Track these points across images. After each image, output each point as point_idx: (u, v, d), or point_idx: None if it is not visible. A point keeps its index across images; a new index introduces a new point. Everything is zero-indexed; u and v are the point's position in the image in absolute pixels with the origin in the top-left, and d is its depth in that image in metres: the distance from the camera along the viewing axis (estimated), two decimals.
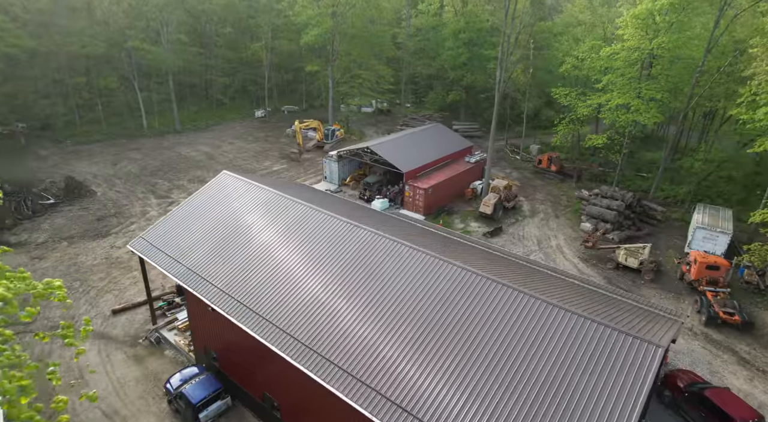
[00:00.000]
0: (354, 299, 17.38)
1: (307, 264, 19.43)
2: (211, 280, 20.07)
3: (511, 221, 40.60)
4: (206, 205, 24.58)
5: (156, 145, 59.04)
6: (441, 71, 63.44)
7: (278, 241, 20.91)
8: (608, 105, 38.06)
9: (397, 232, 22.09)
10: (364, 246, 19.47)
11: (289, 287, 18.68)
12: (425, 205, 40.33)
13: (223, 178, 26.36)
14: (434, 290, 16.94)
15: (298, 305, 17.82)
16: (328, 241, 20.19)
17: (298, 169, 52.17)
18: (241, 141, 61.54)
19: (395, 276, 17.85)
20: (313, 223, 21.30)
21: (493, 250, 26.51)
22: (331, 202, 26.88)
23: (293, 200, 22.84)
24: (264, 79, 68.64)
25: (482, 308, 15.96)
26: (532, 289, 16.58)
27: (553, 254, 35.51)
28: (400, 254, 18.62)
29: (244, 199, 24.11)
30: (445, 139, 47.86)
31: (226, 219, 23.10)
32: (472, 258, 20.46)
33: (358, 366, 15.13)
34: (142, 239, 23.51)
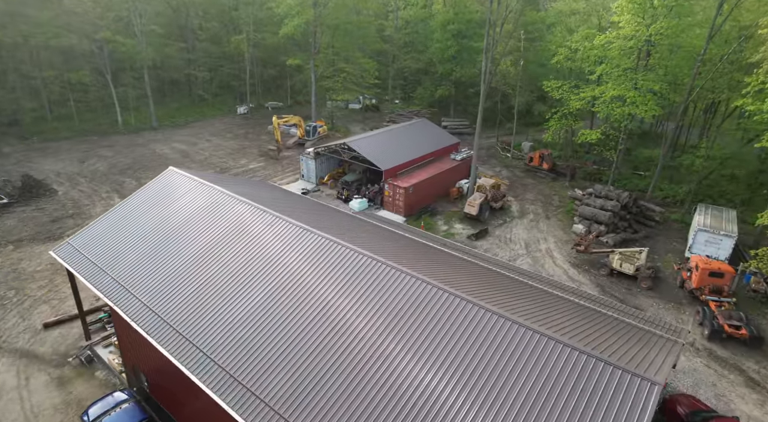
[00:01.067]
0: (294, 319, 14.52)
1: (245, 274, 16.57)
2: (135, 292, 17.21)
3: (499, 222, 37.78)
4: (145, 205, 21.70)
5: (129, 142, 56.16)
6: (429, 65, 60.66)
7: (216, 247, 18.05)
8: (602, 97, 35.27)
9: (357, 237, 19.27)
10: (314, 253, 16.61)
11: (219, 302, 15.82)
12: (406, 205, 37.51)
13: (169, 175, 23.50)
14: (388, 305, 14.09)
15: (228, 324, 14.97)
16: (273, 248, 17.34)
17: (275, 167, 49.31)
18: (219, 138, 58.68)
19: (347, 288, 14.99)
20: (259, 227, 18.44)
21: (473, 257, 23.72)
22: (292, 202, 24.03)
23: (241, 200, 19.98)
24: (246, 73, 65.67)
25: (442, 329, 13.12)
26: (507, 308, 13.75)
27: (542, 259, 32.69)
28: (355, 262, 15.75)
29: (187, 198, 21.24)
30: (430, 135, 45.05)
31: (164, 221, 20.25)
32: (440, 267, 17.62)
33: (294, 404, 12.28)
34: (69, 244, 20.64)
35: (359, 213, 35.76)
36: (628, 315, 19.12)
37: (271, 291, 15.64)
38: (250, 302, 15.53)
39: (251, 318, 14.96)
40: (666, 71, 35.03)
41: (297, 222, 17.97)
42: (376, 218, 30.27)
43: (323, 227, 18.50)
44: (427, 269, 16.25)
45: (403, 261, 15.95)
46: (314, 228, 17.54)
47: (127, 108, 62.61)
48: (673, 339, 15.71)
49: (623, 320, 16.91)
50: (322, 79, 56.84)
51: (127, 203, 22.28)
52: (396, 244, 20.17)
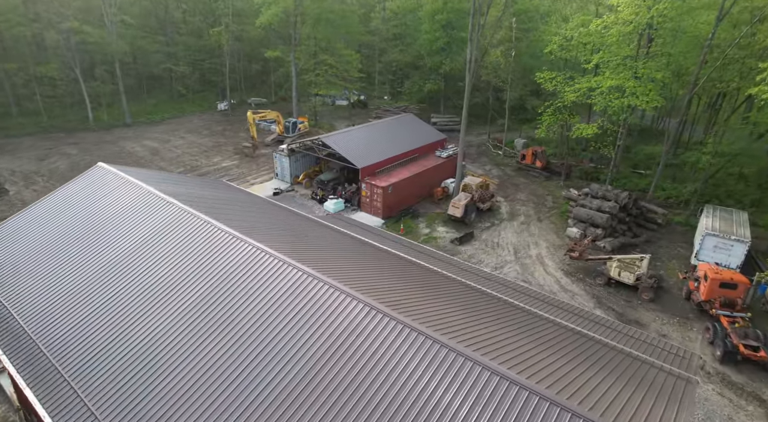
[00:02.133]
0: (206, 354, 11.28)
1: (153, 293, 13.34)
2: (18, 313, 13.96)
3: (486, 225, 34.55)
4: (62, 206, 18.46)
5: (98, 139, 52.91)
6: (418, 59, 57.40)
7: (129, 257, 14.81)
8: (599, 88, 32.05)
9: (307, 246, 16.02)
10: (242, 266, 13.33)
11: (115, 332, 12.59)
12: (384, 206, 34.28)
13: (97, 171, 20.24)
14: (327, 331, 10.84)
15: (124, 361, 11.74)
16: (195, 259, 14.09)
17: (250, 166, 46.04)
18: (195, 135, 55.41)
19: (273, 309, 11.74)
20: (183, 232, 15.19)
21: (449, 264, 20.51)
22: (241, 205, 20.75)
23: (169, 202, 16.71)
24: (226, 68, 62.37)
25: (383, 363, 9.89)
26: (458, 337, 10.53)
27: (532, 266, 29.44)
28: (290, 279, 12.48)
29: (110, 198, 17.99)
30: (415, 131, 41.80)
31: (77, 226, 17.01)
32: (384, 278, 14.37)
33: None
34: None
35: (333, 215, 32.59)
36: (626, 337, 15.93)
37: (180, 313, 12.42)
38: (154, 330, 12.30)
39: (151, 354, 11.72)
40: (669, 60, 31.83)
41: (228, 227, 14.71)
42: (347, 221, 27.05)
43: (257, 233, 15.26)
44: (364, 282, 12.98)
45: (337, 275, 12.68)
46: (243, 235, 14.28)
47: (100, 103, 59.35)
48: (684, 376, 12.46)
49: (621, 350, 13.64)
50: (303, 72, 53.58)
51: (40, 204, 19.05)
52: (345, 254, 16.88)
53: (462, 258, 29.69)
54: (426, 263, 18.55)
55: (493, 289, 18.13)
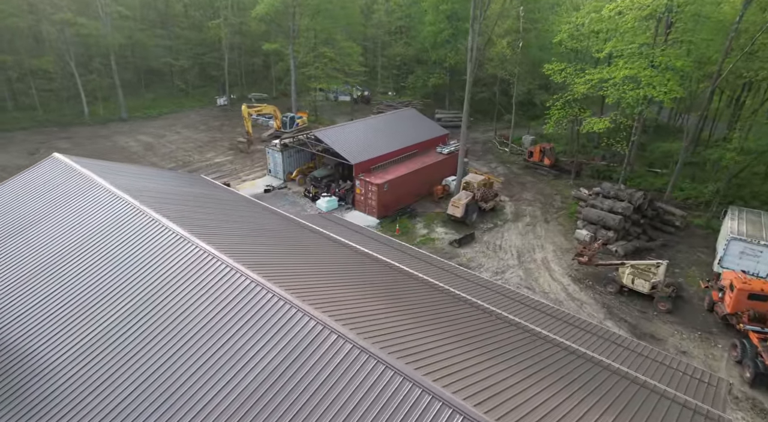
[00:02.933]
0: (137, 367, 9.23)
1: (85, 297, 11.34)
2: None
3: (488, 226, 32.17)
4: (4, 199, 16.57)
5: (92, 133, 51.53)
6: (422, 52, 55.05)
7: (62, 259, 12.83)
8: (612, 78, 29.47)
9: (272, 250, 13.90)
10: (186, 270, 11.22)
11: (38, 337, 10.59)
12: (380, 204, 32.09)
13: (49, 162, 18.36)
14: (272, 345, 8.70)
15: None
16: (135, 260, 12.04)
17: (244, 162, 44.20)
18: (191, 130, 53.80)
19: (214, 318, 9.62)
20: (128, 230, 13.16)
21: (439, 269, 18.31)
22: (213, 200, 18.70)
23: (117, 196, 14.70)
24: (225, 62, 60.69)
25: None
26: (441, 372, 8.31)
27: (537, 271, 27.02)
28: (236, 286, 10.33)
29: (57, 192, 16.04)
30: (415, 125, 39.53)
31: (13, 221, 15.08)
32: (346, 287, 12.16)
33: None
34: None
35: (325, 214, 30.53)
36: (640, 358, 13.61)
37: (111, 322, 10.39)
38: (80, 341, 10.31)
39: (74, 369, 9.70)
40: (690, 48, 29.15)
41: (178, 227, 12.62)
42: (336, 221, 25.00)
43: (214, 234, 13.16)
44: (322, 293, 10.76)
45: (292, 284, 10.49)
46: (192, 236, 12.19)
47: (96, 98, 57.99)
48: (714, 416, 10.06)
49: (633, 379, 11.27)
50: (302, 65, 51.60)
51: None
52: (315, 258, 14.70)
53: (460, 261, 27.45)
54: (412, 268, 16.35)
55: (487, 299, 15.87)
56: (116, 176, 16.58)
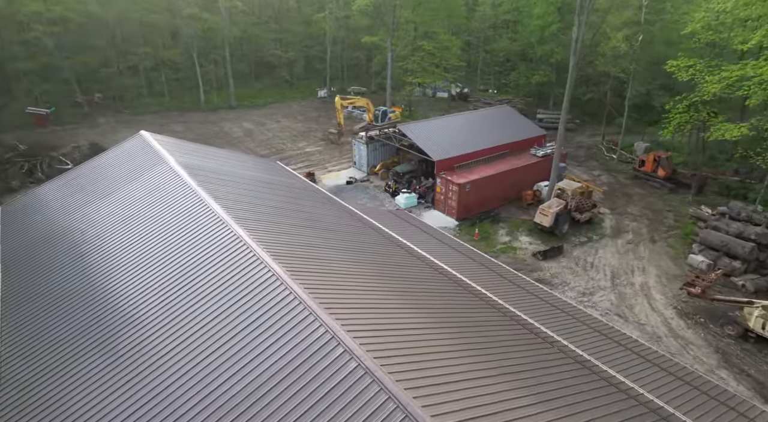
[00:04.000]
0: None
1: (127, 266, 11.50)
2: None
3: (581, 240, 28.69)
4: (91, 171, 17.91)
5: (203, 119, 56.04)
6: (527, 47, 51.36)
7: (116, 229, 13.26)
8: (759, 75, 24.33)
9: (318, 245, 13.11)
10: (217, 253, 10.81)
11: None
12: (460, 205, 30.23)
13: (137, 139, 19.57)
14: (277, 348, 7.86)
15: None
16: (173, 237, 11.99)
17: (332, 152, 44.84)
18: (289, 120, 56.08)
19: (232, 310, 9.01)
20: (175, 208, 13.24)
21: (506, 286, 16.29)
22: (279, 187, 18.57)
23: (177, 174, 14.94)
24: (327, 55, 62.38)
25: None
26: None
27: (633, 297, 23.33)
28: (260, 279, 9.64)
29: (130, 166, 16.89)
30: (509, 124, 36.75)
31: (90, 192, 16.11)
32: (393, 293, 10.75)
33: None
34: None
35: (400, 211, 29.52)
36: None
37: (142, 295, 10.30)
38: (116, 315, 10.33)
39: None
40: None
41: (222, 210, 12.30)
42: (408, 219, 23.80)
43: (258, 220, 12.67)
44: (350, 300, 9.51)
45: (320, 286, 9.43)
46: (233, 221, 11.75)
47: (212, 87, 63.05)
48: None
49: None
50: (399, 59, 50.99)
51: (80, 168, 18.80)
52: (364, 258, 13.55)
53: (542, 276, 24.73)
54: (478, 281, 14.52)
55: (565, 330, 13.50)
56: (184, 155, 17.05)
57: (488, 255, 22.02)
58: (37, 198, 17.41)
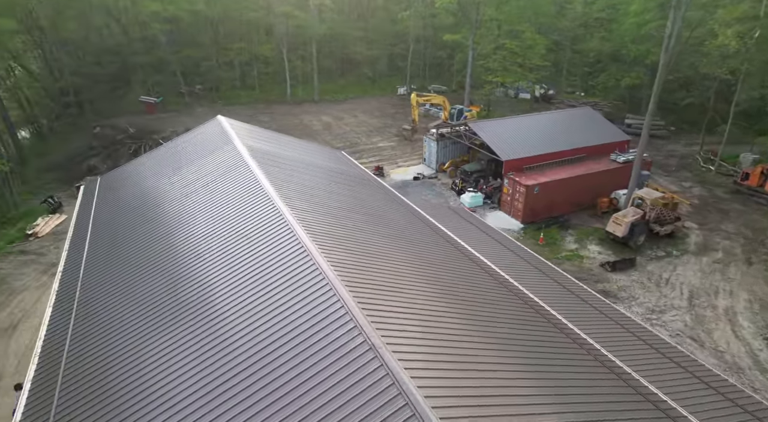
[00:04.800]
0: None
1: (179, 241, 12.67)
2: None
3: (658, 254, 26.37)
4: (170, 151, 19.81)
5: (287, 111, 59.16)
6: (620, 47, 47.90)
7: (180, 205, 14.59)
8: None
9: (369, 237, 13.43)
10: (264, 232, 11.40)
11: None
12: (526, 208, 29.17)
13: (214, 122, 21.31)
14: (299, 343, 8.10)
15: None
16: (225, 215, 12.95)
17: (404, 148, 45.28)
18: (367, 115, 57.39)
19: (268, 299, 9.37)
20: (233, 186, 14.28)
21: (560, 293, 15.58)
22: (339, 176, 19.22)
23: (240, 155, 16.03)
24: (409, 53, 62.86)
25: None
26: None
27: (714, 322, 21.05)
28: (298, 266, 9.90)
29: (205, 146, 18.45)
30: (589, 127, 34.66)
31: (165, 169, 17.82)
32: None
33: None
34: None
35: (464, 210, 29.12)
36: None
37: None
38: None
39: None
40: None
41: (276, 193, 12.97)
42: (469, 218, 23.43)
43: (308, 206, 13.24)
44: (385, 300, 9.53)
45: (362, 280, 9.58)
46: (280, 200, 12.41)
47: (297, 81, 66.34)
48: None
49: None
50: (480, 58, 50.07)
51: (164, 146, 20.87)
52: (415, 254, 13.50)
53: (607, 288, 23.18)
54: (533, 289, 13.86)
55: (620, 346, 12.54)
56: (250, 138, 18.26)
57: (550, 261, 20.98)
58: (128, 170, 19.69)
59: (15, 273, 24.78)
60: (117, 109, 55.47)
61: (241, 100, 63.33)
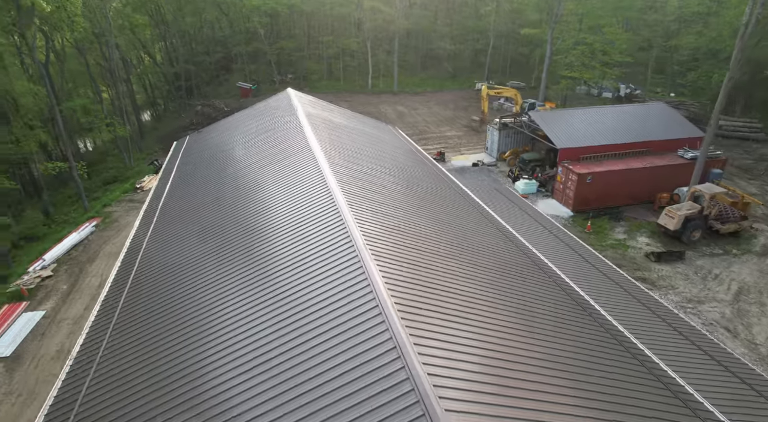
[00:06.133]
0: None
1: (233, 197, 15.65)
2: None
3: (714, 251, 25.36)
4: (243, 116, 23.34)
5: (366, 101, 62.51)
6: (716, 42, 44.80)
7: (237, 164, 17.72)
8: None
9: (405, 208, 15.05)
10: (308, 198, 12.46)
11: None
12: (577, 196, 29.33)
13: (284, 93, 24.61)
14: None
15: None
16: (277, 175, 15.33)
17: (471, 138, 46.35)
18: (440, 107, 59.01)
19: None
20: (289, 149, 16.98)
21: (602, 280, 15.79)
22: (389, 146, 21.42)
23: (299, 121, 18.81)
24: (489, 48, 63.37)
25: None
26: None
27: (755, 318, 20.28)
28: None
29: (273, 113, 21.62)
30: (659, 121, 33.43)
31: (235, 134, 21.16)
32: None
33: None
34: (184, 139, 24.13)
35: (520, 196, 29.95)
36: None
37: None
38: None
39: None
40: None
41: (325, 158, 14.38)
42: (517, 202, 24.24)
43: (350, 172, 15.14)
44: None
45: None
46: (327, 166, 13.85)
47: (379, 73, 69.65)
48: None
49: None
50: (558, 52, 49.54)
51: (239, 112, 24.58)
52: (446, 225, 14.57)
53: (647, 276, 23.08)
54: (557, 262, 14.21)
55: (645, 329, 12.62)
56: (311, 107, 21.09)
57: (592, 247, 21.14)
58: (212, 129, 23.63)
59: (124, 215, 30.36)
60: (218, 93, 62.76)
61: (326, 89, 67.90)
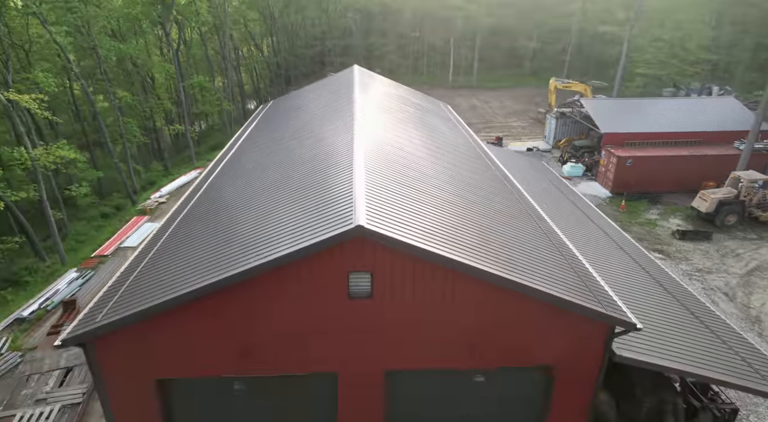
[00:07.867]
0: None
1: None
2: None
3: (748, 236, 25.94)
4: (312, 89, 28.60)
5: (443, 93, 65.96)
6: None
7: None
8: None
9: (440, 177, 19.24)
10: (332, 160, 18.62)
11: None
12: (616, 178, 30.95)
13: (349, 69, 29.42)
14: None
15: None
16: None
17: (534, 129, 48.38)
18: (512, 101, 61.07)
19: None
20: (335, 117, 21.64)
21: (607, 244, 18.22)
22: (438, 119, 25.38)
23: (352, 94, 23.41)
24: (569, 46, 63.82)
25: None
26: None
27: (760, 290, 21.25)
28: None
29: (336, 84, 26.50)
30: (720, 113, 33.45)
31: (304, 105, 26.33)
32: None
33: None
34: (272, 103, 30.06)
35: (564, 178, 32.07)
36: None
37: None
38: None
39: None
40: None
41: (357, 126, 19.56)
42: (554, 181, 26.76)
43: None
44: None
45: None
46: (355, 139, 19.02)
47: (460, 69, 72.94)
48: None
49: None
50: (636, 49, 49.52)
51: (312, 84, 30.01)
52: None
53: (665, 250, 24.61)
54: (560, 220, 17.17)
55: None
56: (367, 80, 25.71)
57: (618, 224, 22.91)
58: (291, 95, 29.41)
59: None
60: (310, 82, 70.23)
61: (408, 82, 72.41)
